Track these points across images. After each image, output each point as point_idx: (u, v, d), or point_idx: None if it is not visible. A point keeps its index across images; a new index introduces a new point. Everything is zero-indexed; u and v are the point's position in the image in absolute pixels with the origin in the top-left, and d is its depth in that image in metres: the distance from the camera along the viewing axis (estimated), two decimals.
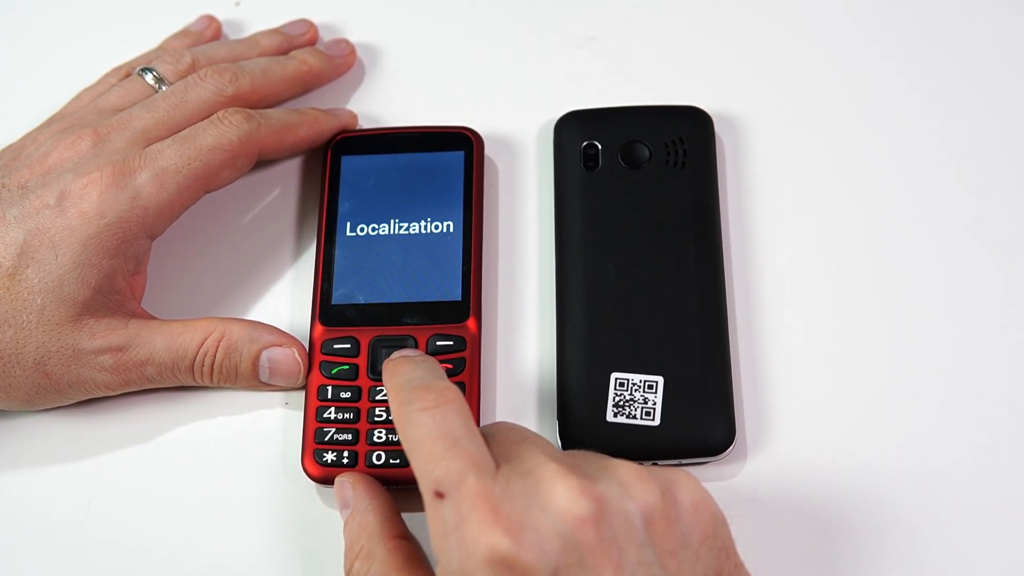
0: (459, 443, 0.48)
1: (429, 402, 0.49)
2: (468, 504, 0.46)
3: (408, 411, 0.49)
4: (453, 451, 0.47)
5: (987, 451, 0.58)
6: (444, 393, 0.49)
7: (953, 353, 0.60)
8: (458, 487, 0.47)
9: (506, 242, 0.63)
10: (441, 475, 0.47)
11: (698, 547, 0.47)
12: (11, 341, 0.56)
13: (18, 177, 0.58)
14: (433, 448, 0.48)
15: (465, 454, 0.47)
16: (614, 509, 0.46)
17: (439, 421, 0.48)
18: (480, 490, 0.46)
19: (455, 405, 0.49)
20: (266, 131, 0.61)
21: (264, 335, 0.59)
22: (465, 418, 0.49)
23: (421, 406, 0.49)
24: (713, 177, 0.62)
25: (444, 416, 0.48)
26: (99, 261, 0.57)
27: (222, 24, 0.69)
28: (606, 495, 0.46)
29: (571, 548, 0.45)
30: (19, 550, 0.58)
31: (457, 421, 0.48)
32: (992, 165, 0.64)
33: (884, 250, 0.62)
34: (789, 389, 0.59)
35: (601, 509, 0.46)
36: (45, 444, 0.60)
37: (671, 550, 0.47)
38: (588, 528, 0.45)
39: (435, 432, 0.48)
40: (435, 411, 0.49)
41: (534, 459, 0.48)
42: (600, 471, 0.48)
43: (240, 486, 0.58)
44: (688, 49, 0.68)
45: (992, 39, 0.67)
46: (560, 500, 0.46)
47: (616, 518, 0.46)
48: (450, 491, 0.47)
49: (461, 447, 0.47)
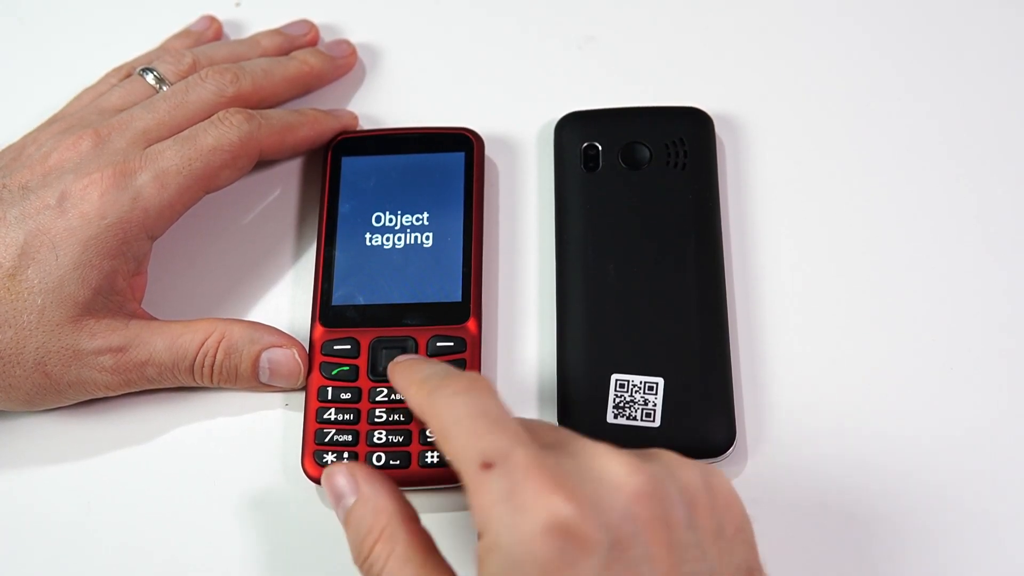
0: (501, 420, 0.47)
1: (461, 387, 0.48)
2: (521, 472, 0.45)
3: (440, 395, 0.48)
4: (497, 426, 0.46)
5: (987, 451, 0.58)
6: (476, 379, 0.49)
7: (954, 353, 0.60)
8: (508, 457, 0.45)
9: (506, 243, 0.63)
10: (487, 447, 0.46)
11: (732, 537, 0.47)
12: (11, 341, 0.56)
13: (19, 177, 0.58)
14: (475, 425, 0.47)
15: (510, 430, 0.46)
16: (665, 488, 0.46)
17: (475, 401, 0.48)
18: (533, 459, 0.45)
19: (488, 390, 0.48)
20: (267, 132, 0.61)
21: (264, 336, 0.59)
22: (497, 400, 0.48)
23: (454, 390, 0.48)
24: (713, 178, 0.62)
25: (479, 397, 0.48)
26: (99, 262, 0.57)
27: (223, 24, 0.69)
28: (657, 473, 0.46)
29: (628, 521, 0.45)
30: (19, 550, 0.58)
31: (492, 402, 0.48)
32: (993, 164, 0.64)
33: (884, 250, 0.62)
34: (789, 389, 0.59)
35: (655, 486, 0.46)
36: (45, 444, 0.60)
37: (712, 535, 0.47)
38: (644, 503, 0.45)
39: (474, 411, 0.47)
40: (470, 393, 0.48)
41: (577, 441, 0.47)
42: (649, 455, 0.48)
43: (240, 487, 0.58)
44: (688, 49, 0.68)
45: (992, 39, 0.67)
46: (615, 474, 0.45)
47: (666, 497, 0.46)
48: (499, 461, 0.45)
49: (504, 423, 0.47)
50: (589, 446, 0.47)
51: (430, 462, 0.56)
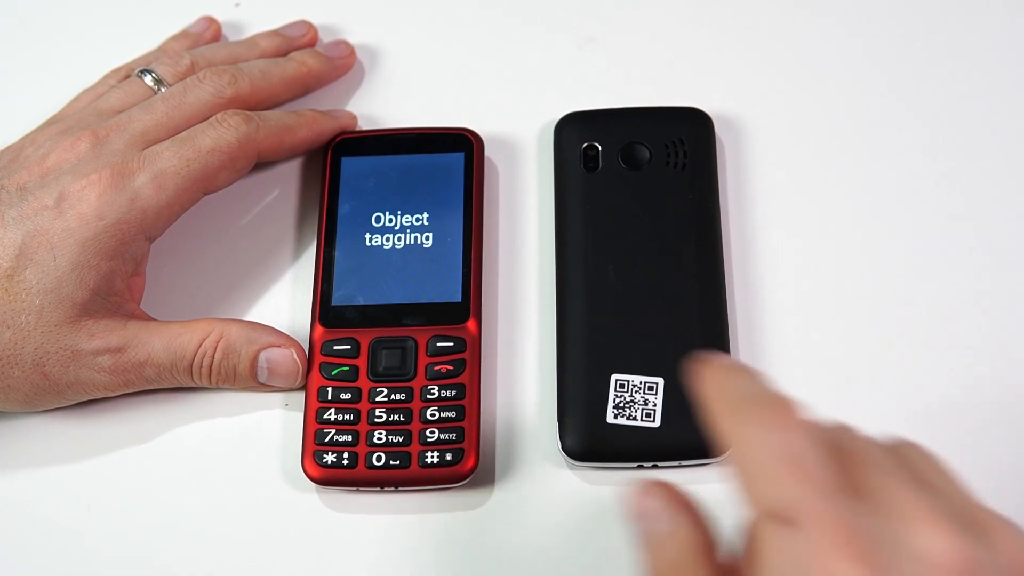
0: (807, 464, 0.41)
1: (774, 424, 0.42)
2: (818, 534, 0.39)
3: (748, 431, 0.42)
4: (800, 471, 0.41)
5: (988, 451, 0.57)
6: (789, 413, 0.42)
7: (954, 354, 0.59)
8: (808, 515, 0.40)
9: (506, 243, 0.63)
10: (787, 498, 0.40)
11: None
12: (9, 342, 0.56)
13: (17, 178, 0.58)
14: (776, 468, 0.41)
15: (814, 479, 0.40)
16: (983, 572, 0.39)
17: (785, 440, 0.41)
18: (836, 519, 0.40)
19: (803, 427, 0.42)
20: (265, 133, 0.61)
21: (262, 336, 0.59)
22: (812, 437, 0.41)
23: (765, 427, 0.42)
24: (713, 178, 0.62)
25: (791, 434, 0.41)
26: (97, 263, 0.57)
27: (222, 25, 0.69)
28: (981, 556, 0.40)
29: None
30: (19, 551, 0.58)
31: (803, 441, 0.41)
32: (993, 164, 0.64)
33: (884, 250, 0.62)
34: (789, 389, 0.59)
35: (972, 569, 0.39)
36: (45, 445, 0.60)
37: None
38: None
39: (781, 452, 0.41)
40: (782, 433, 0.42)
41: (892, 491, 0.41)
42: (974, 525, 0.41)
43: (240, 487, 0.58)
44: (688, 50, 0.68)
45: (992, 39, 0.67)
46: (928, 547, 0.40)
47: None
48: (800, 518, 0.40)
49: (811, 469, 0.41)
50: (903, 502, 0.41)
51: (430, 462, 0.56)
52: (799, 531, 0.40)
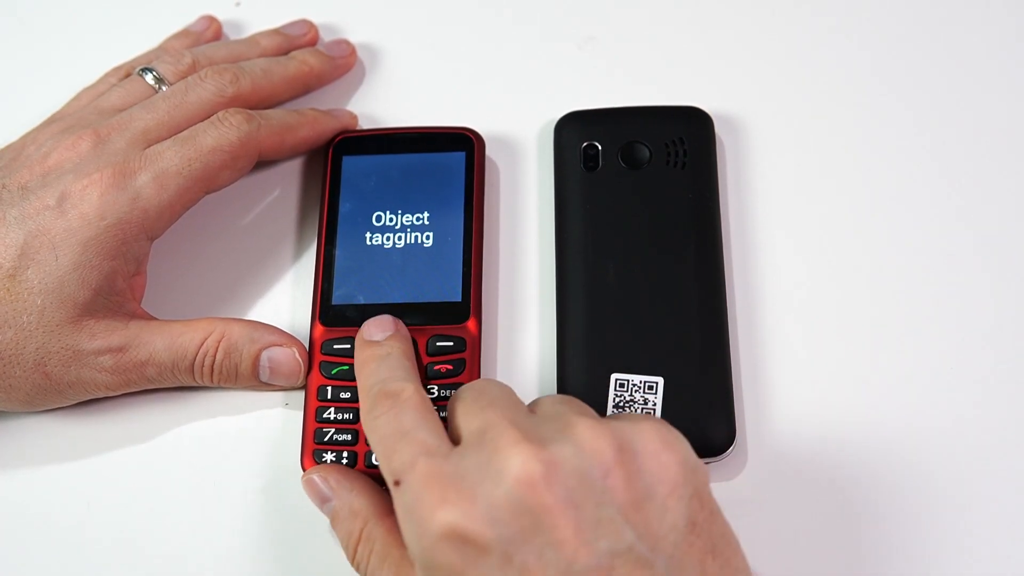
0: (409, 433, 0.50)
1: (386, 407, 0.51)
2: (420, 484, 0.47)
3: (371, 419, 0.52)
4: (404, 440, 0.49)
5: (988, 452, 0.58)
6: (399, 395, 0.52)
7: (954, 353, 0.60)
8: (411, 471, 0.48)
9: (506, 242, 0.63)
10: (396, 465, 0.49)
11: (665, 497, 0.47)
12: (11, 342, 0.56)
13: (18, 178, 0.58)
14: (388, 443, 0.50)
15: (415, 441, 0.49)
16: (567, 469, 0.46)
17: (394, 419, 0.51)
18: (431, 470, 0.48)
19: (409, 402, 0.51)
20: (266, 132, 0.61)
21: (264, 335, 0.59)
22: (418, 411, 0.51)
23: (380, 411, 0.51)
24: (713, 177, 0.62)
25: (397, 415, 0.51)
26: (99, 262, 0.57)
27: (222, 24, 0.69)
28: (558, 456, 0.47)
29: (524, 513, 0.46)
30: (19, 550, 0.58)
31: (409, 415, 0.50)
32: (993, 164, 0.64)
33: (885, 250, 0.62)
34: (789, 389, 0.59)
35: (552, 470, 0.46)
36: (45, 444, 0.60)
37: (633, 503, 0.47)
38: (540, 491, 0.46)
39: (390, 430, 0.50)
40: (390, 413, 0.51)
41: (493, 427, 0.48)
42: (557, 432, 0.48)
43: (240, 486, 0.58)
44: (688, 49, 0.68)
45: (992, 39, 0.67)
46: (510, 467, 0.46)
47: (569, 478, 0.46)
48: (404, 476, 0.48)
49: (411, 436, 0.49)
50: (499, 435, 0.48)
51: None
52: (405, 485, 0.48)
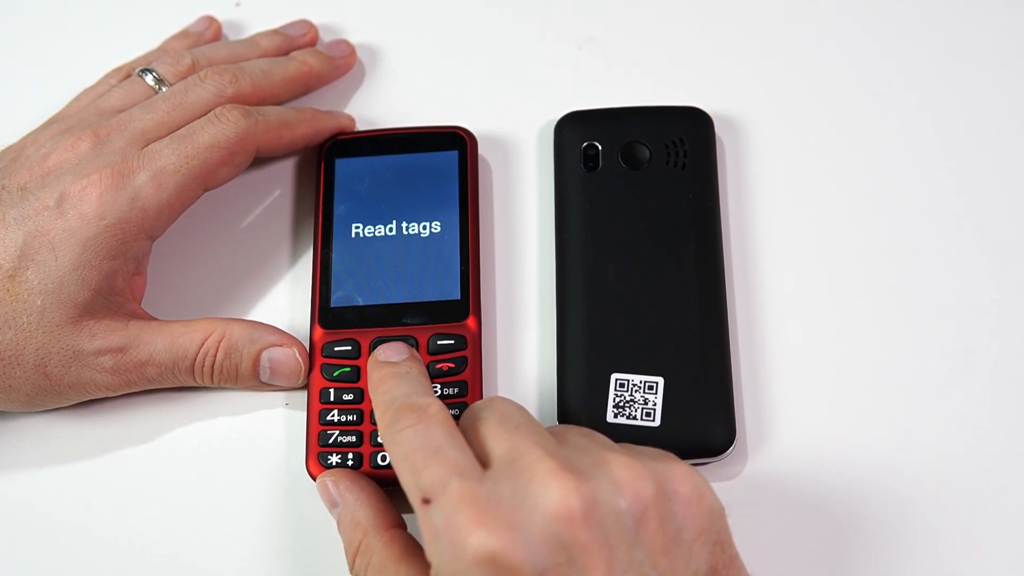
0: (440, 451, 0.48)
1: (412, 420, 0.50)
2: (454, 506, 0.46)
3: (394, 431, 0.50)
4: (435, 458, 0.48)
5: (987, 452, 0.58)
6: (426, 410, 0.50)
7: (954, 353, 0.60)
8: (443, 491, 0.47)
9: (507, 243, 0.63)
10: (426, 482, 0.47)
11: (692, 542, 0.47)
12: (11, 343, 0.56)
13: (18, 178, 0.58)
14: (416, 459, 0.48)
15: (447, 460, 0.48)
16: (605, 508, 0.46)
17: (421, 435, 0.49)
18: (465, 492, 0.46)
19: (437, 419, 0.50)
20: (263, 128, 0.61)
21: (264, 335, 0.59)
22: (446, 428, 0.49)
23: (405, 424, 0.50)
24: (713, 178, 0.62)
25: (426, 430, 0.49)
26: (99, 263, 0.57)
27: (222, 25, 0.69)
28: (597, 493, 0.46)
29: (560, 548, 0.45)
30: (19, 550, 0.58)
31: (438, 432, 0.49)
32: (993, 165, 0.64)
33: (884, 250, 0.62)
34: (789, 389, 0.59)
35: (591, 507, 0.46)
36: (45, 444, 0.60)
37: (663, 548, 0.47)
38: (578, 527, 0.45)
39: (418, 446, 0.49)
40: (417, 427, 0.50)
41: (527, 454, 0.47)
42: (593, 467, 0.47)
43: (241, 487, 0.58)
44: (688, 49, 0.68)
45: (992, 40, 0.67)
46: (550, 499, 0.46)
47: (607, 517, 0.46)
48: (436, 496, 0.47)
49: (443, 454, 0.48)
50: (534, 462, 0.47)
51: None
52: (437, 504, 0.47)
